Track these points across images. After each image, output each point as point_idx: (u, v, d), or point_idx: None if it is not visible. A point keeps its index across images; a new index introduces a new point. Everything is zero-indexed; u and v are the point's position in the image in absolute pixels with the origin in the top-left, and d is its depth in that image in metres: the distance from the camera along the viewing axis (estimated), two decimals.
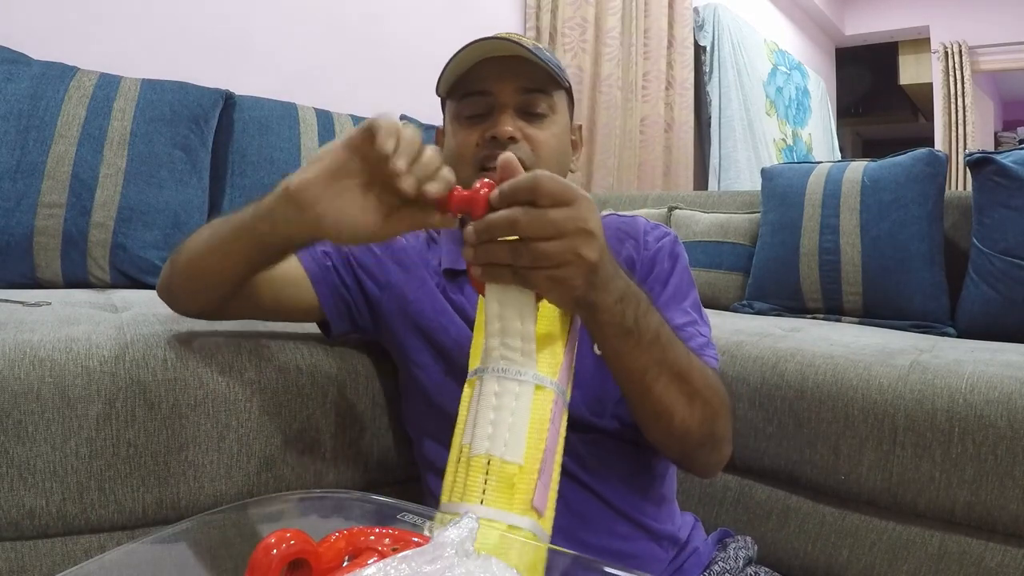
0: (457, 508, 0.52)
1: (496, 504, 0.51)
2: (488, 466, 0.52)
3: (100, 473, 0.72)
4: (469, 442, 0.54)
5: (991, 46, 5.23)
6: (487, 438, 0.53)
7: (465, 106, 0.79)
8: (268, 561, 0.36)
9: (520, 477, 0.52)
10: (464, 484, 0.52)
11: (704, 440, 0.68)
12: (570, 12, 2.83)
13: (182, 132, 1.40)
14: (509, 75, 0.77)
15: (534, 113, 0.78)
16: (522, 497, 0.52)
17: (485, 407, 0.54)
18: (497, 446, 0.53)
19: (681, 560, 0.77)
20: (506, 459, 0.52)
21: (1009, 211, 1.40)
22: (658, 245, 0.81)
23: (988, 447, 0.90)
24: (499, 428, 0.53)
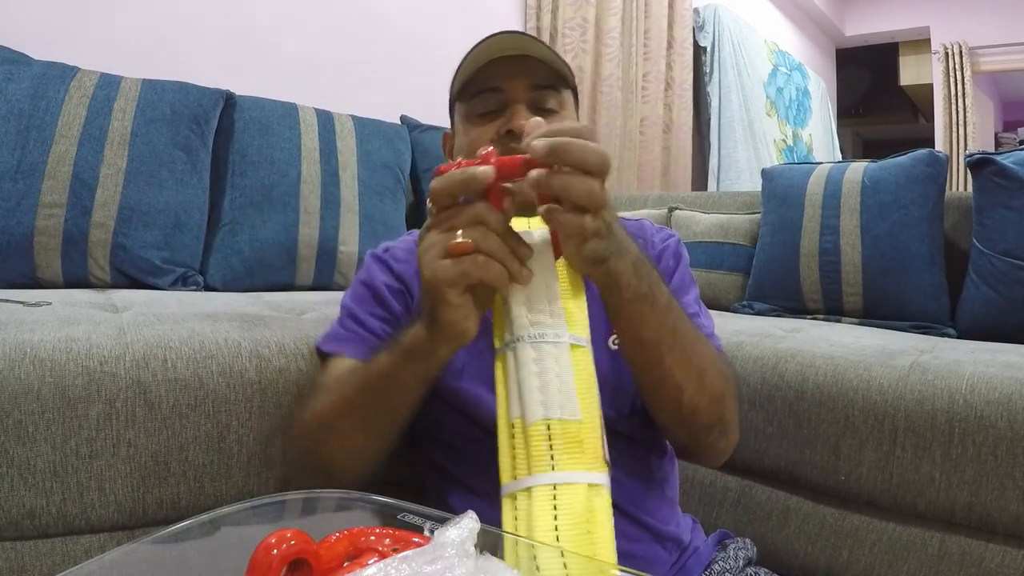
0: (528, 481, 0.50)
1: (569, 466, 0.50)
2: (549, 431, 0.51)
3: (100, 473, 0.72)
4: (520, 414, 0.52)
5: (991, 47, 5.23)
6: (540, 404, 0.51)
7: (477, 104, 0.79)
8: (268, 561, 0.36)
9: (585, 432, 0.51)
10: (527, 456, 0.51)
11: (712, 422, 0.69)
12: (570, 12, 2.83)
13: (183, 132, 1.40)
14: (520, 72, 0.77)
15: (545, 109, 0.78)
16: (592, 452, 0.51)
17: (527, 375, 0.53)
18: (553, 409, 0.51)
19: (682, 561, 0.77)
20: (566, 418, 0.51)
21: (1009, 212, 1.40)
22: (664, 244, 0.84)
23: (988, 448, 0.90)
24: (549, 391, 0.52)
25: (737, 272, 1.87)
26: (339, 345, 0.79)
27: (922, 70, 5.78)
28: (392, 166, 1.72)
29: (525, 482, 0.50)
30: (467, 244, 0.52)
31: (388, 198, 1.68)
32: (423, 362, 0.61)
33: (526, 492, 0.49)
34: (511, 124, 0.75)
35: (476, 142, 0.77)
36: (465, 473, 0.76)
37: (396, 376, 0.62)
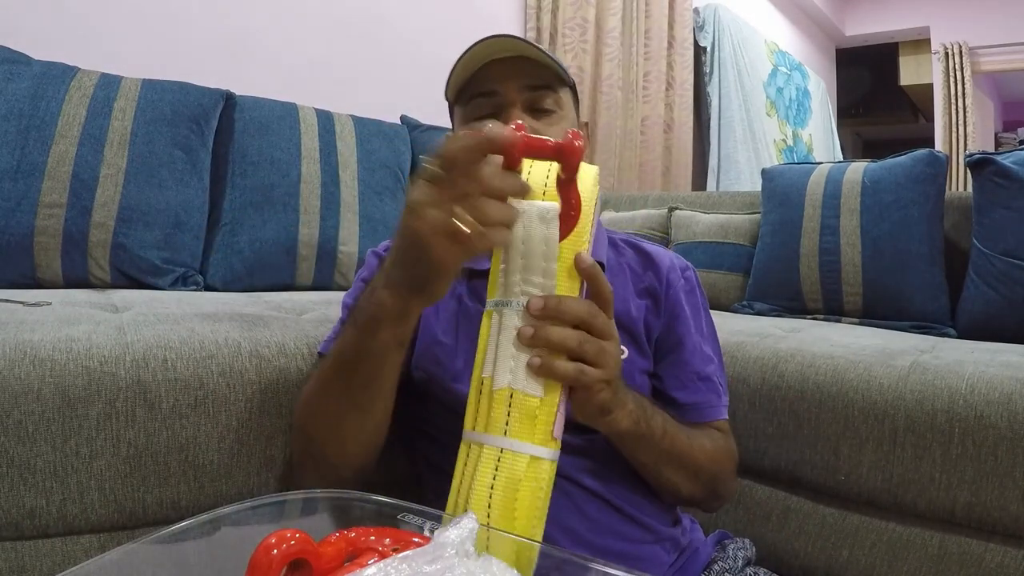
0: (482, 438, 0.55)
1: (519, 436, 0.54)
2: (511, 399, 0.55)
3: (100, 473, 0.72)
4: (491, 375, 0.56)
5: (991, 47, 5.23)
6: (509, 371, 0.55)
7: (474, 108, 0.79)
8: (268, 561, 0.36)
9: (541, 409, 0.55)
10: (488, 416, 0.56)
11: (707, 497, 0.80)
12: (571, 12, 2.83)
13: (182, 132, 1.40)
14: (514, 74, 0.77)
15: (542, 109, 0.78)
16: (543, 429, 0.55)
17: (506, 341, 0.56)
18: (519, 380, 0.55)
19: (681, 562, 0.77)
20: (528, 392, 0.55)
21: (1009, 212, 1.40)
22: (684, 280, 0.84)
23: (988, 448, 0.90)
24: (520, 362, 0.56)
25: (737, 272, 1.87)
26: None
27: (922, 70, 5.78)
28: (392, 166, 1.72)
29: (480, 437, 0.56)
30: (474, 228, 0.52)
31: (388, 198, 1.68)
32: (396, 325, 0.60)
33: (478, 446, 0.55)
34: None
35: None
36: None
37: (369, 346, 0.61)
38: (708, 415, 0.80)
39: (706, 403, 0.80)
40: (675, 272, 0.84)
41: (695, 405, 0.80)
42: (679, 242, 2.02)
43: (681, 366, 0.81)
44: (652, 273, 0.83)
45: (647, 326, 0.81)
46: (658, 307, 0.81)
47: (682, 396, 0.80)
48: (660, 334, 0.81)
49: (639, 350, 0.80)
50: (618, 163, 3.03)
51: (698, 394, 0.80)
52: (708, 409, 0.80)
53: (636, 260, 0.84)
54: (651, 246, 0.87)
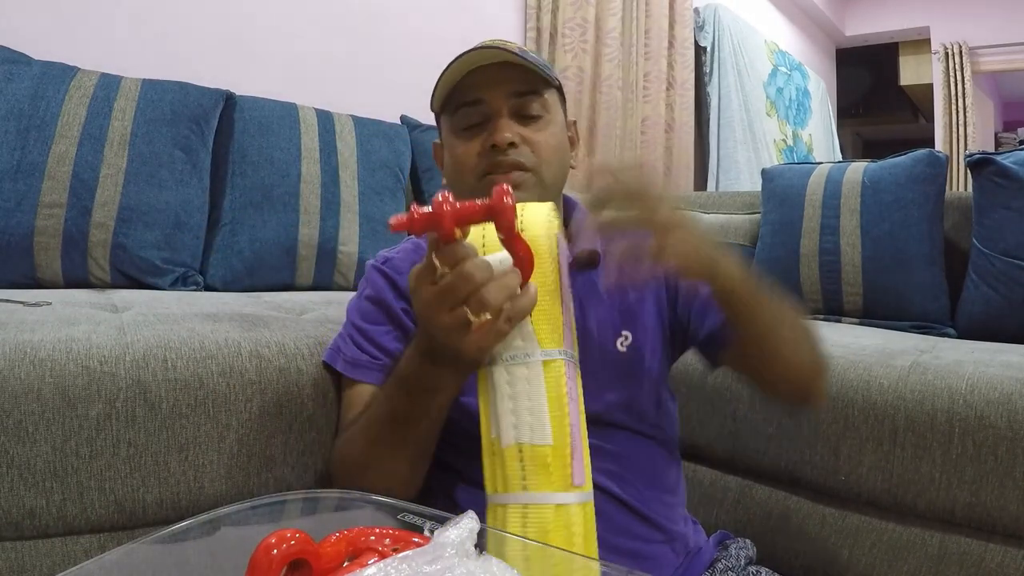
0: (503, 499, 0.55)
1: (538, 488, 0.54)
2: (521, 454, 0.55)
3: (100, 473, 0.72)
4: (497, 435, 0.56)
5: (991, 47, 5.22)
6: (512, 427, 0.56)
7: (460, 118, 0.78)
8: (268, 561, 0.36)
9: (554, 456, 0.55)
10: (504, 475, 0.55)
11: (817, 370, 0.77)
12: (571, 13, 2.83)
13: (183, 132, 1.40)
14: (498, 81, 0.76)
15: (529, 115, 0.78)
16: (560, 473, 0.55)
17: (502, 397, 0.56)
18: (524, 433, 0.55)
19: (687, 562, 0.77)
20: (535, 443, 0.55)
21: (1009, 212, 1.39)
22: None
23: (988, 448, 0.90)
24: (520, 415, 0.56)
25: None
26: (362, 373, 0.78)
27: (922, 70, 5.78)
28: (392, 166, 1.72)
29: (502, 498, 0.56)
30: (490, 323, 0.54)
31: (388, 198, 1.68)
32: (454, 388, 0.63)
33: (503, 507, 0.55)
34: (494, 139, 0.75)
35: (463, 157, 0.77)
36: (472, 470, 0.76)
37: (427, 408, 0.64)
38: None
39: None
40: None
41: None
42: None
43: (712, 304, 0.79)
44: None
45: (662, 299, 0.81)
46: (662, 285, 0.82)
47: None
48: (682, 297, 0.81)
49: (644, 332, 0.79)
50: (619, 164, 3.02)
51: None
52: None
53: None
54: None
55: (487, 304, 0.53)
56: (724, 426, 1.15)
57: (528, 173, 0.76)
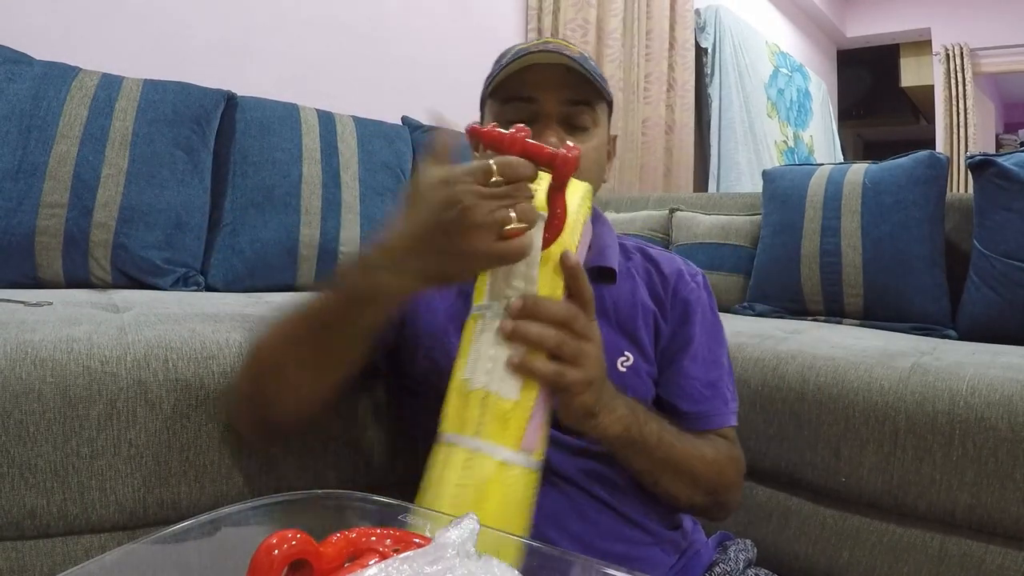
0: (454, 439, 0.55)
1: (489, 437, 0.54)
2: (485, 400, 0.55)
3: (101, 473, 0.73)
4: (470, 376, 0.56)
5: (992, 48, 5.23)
6: (486, 373, 0.56)
7: (508, 110, 0.77)
8: (269, 561, 0.36)
9: (514, 413, 0.55)
10: (462, 417, 0.56)
11: (710, 506, 0.78)
12: (572, 14, 2.83)
13: (184, 133, 1.40)
14: (556, 84, 0.75)
15: (578, 126, 0.76)
16: (515, 431, 0.55)
17: (487, 343, 0.57)
18: (494, 381, 0.55)
19: (683, 563, 0.77)
20: (502, 395, 0.55)
21: (1010, 213, 1.39)
22: (693, 287, 0.83)
23: (989, 449, 0.90)
24: (498, 364, 0.56)
25: (738, 273, 1.87)
26: None
27: (923, 71, 5.78)
28: (393, 167, 1.72)
29: (453, 438, 0.56)
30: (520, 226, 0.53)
31: (389, 199, 1.68)
32: (391, 307, 0.61)
33: (449, 447, 0.55)
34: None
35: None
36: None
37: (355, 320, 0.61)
38: (714, 423, 0.79)
39: (712, 411, 0.79)
40: (684, 279, 0.83)
41: (700, 414, 0.79)
42: (680, 243, 2.02)
43: (684, 375, 0.80)
44: (660, 279, 0.83)
45: (654, 332, 0.80)
46: (664, 314, 0.81)
47: (686, 405, 0.79)
48: (665, 342, 0.81)
49: (643, 356, 0.79)
50: (619, 164, 3.03)
51: (703, 403, 0.79)
52: (714, 417, 0.79)
53: (644, 266, 0.84)
54: (660, 252, 0.87)
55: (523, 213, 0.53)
56: None
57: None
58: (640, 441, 0.67)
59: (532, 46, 0.77)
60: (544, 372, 0.56)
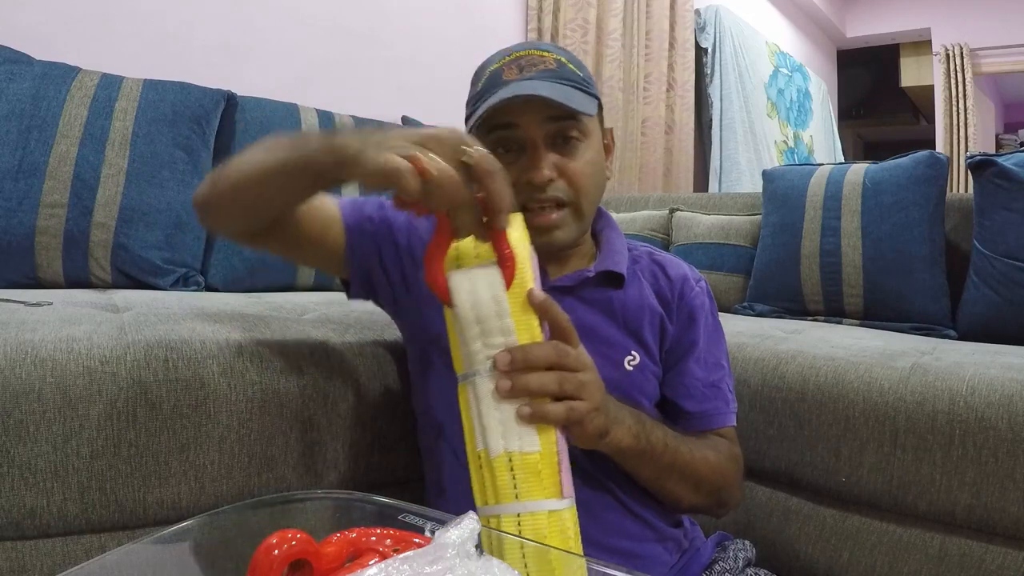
0: (497, 510, 0.55)
1: (531, 495, 0.54)
2: (511, 463, 0.55)
3: (101, 473, 0.73)
4: (485, 446, 0.56)
5: (992, 48, 5.23)
6: (501, 437, 0.55)
7: (495, 140, 0.75)
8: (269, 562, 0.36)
9: (543, 463, 0.55)
10: (495, 486, 0.55)
11: (712, 505, 0.80)
12: (572, 14, 2.83)
13: (184, 132, 1.40)
14: (535, 106, 0.72)
15: (567, 139, 0.75)
16: (551, 480, 0.55)
17: (488, 408, 0.56)
18: (512, 442, 0.55)
19: (683, 562, 0.77)
20: (525, 451, 0.55)
21: (1010, 213, 1.39)
22: (697, 291, 0.85)
23: (989, 450, 0.90)
24: (508, 424, 0.55)
25: (738, 273, 1.87)
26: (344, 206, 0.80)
27: (923, 71, 5.78)
28: None
29: (494, 510, 0.55)
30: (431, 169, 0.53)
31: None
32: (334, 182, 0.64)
33: (496, 518, 0.54)
34: (530, 176, 0.73)
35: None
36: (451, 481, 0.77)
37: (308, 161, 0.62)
38: (715, 422, 0.81)
39: (714, 411, 0.81)
40: (689, 283, 0.85)
41: (703, 413, 0.81)
42: (680, 243, 2.02)
43: (689, 375, 0.81)
44: (666, 283, 0.84)
45: (660, 334, 0.82)
46: (671, 316, 0.82)
47: (690, 405, 0.81)
48: (671, 344, 0.82)
49: (650, 356, 0.80)
50: (619, 164, 3.03)
51: (706, 402, 0.81)
52: (716, 416, 0.81)
53: (651, 269, 0.85)
54: (666, 256, 0.88)
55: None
56: None
57: (566, 209, 0.76)
58: (648, 449, 0.69)
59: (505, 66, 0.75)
60: (557, 415, 0.57)
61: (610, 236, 0.84)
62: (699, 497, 0.76)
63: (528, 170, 0.73)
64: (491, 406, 0.56)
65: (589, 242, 0.85)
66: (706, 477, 0.75)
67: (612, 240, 0.84)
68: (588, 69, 0.81)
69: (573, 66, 0.77)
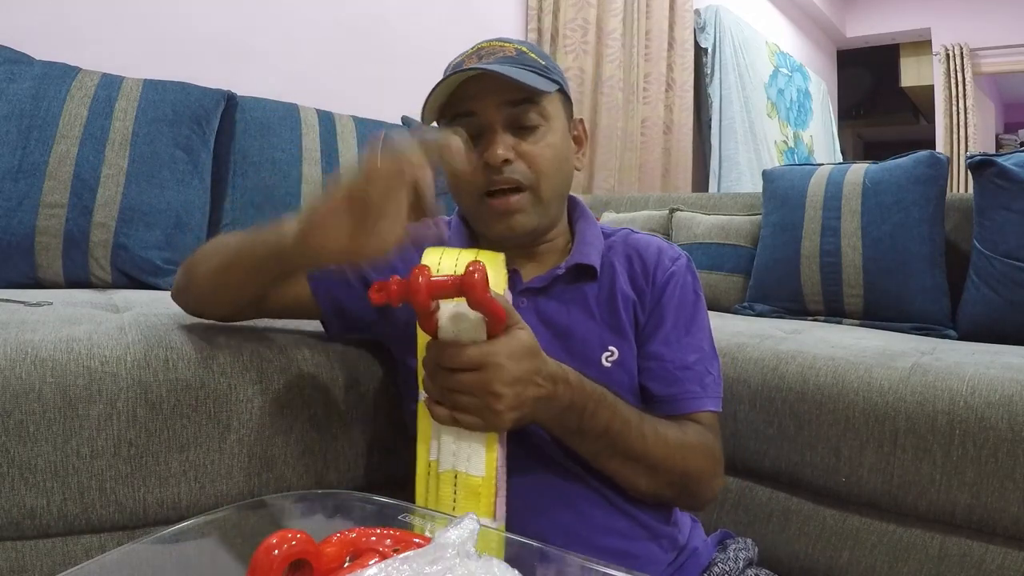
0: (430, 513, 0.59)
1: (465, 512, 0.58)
2: (456, 480, 0.61)
3: (101, 473, 0.73)
4: (436, 458, 0.62)
5: (992, 48, 5.23)
6: (452, 455, 0.61)
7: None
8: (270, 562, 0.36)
9: (483, 488, 0.61)
10: (436, 496, 0.61)
11: (677, 495, 0.75)
12: (572, 14, 2.83)
13: (184, 133, 1.40)
14: (492, 90, 0.73)
15: (525, 127, 0.75)
16: (487, 504, 0.61)
17: (447, 429, 0.62)
18: (461, 463, 0.61)
19: (680, 561, 0.77)
20: (471, 473, 0.61)
21: (1010, 213, 1.40)
22: (671, 270, 0.81)
23: (989, 449, 0.90)
24: (460, 447, 0.61)
25: (738, 273, 1.87)
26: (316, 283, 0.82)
27: (923, 71, 5.78)
28: None
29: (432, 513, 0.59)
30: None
31: None
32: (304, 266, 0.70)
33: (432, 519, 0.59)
34: (487, 157, 0.73)
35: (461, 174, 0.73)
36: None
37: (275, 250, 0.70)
38: (687, 407, 0.76)
39: (684, 395, 0.76)
40: (662, 263, 0.81)
41: (671, 397, 0.76)
42: (680, 243, 2.02)
43: (654, 357, 0.77)
44: (640, 265, 0.81)
45: (635, 320, 0.79)
46: (643, 301, 0.80)
47: (656, 388, 0.77)
48: (642, 327, 0.79)
49: (629, 346, 0.78)
50: (619, 164, 3.03)
51: (674, 385, 0.76)
52: (687, 401, 0.76)
53: (625, 253, 0.82)
54: (641, 237, 0.85)
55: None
56: (724, 427, 1.14)
57: (525, 193, 0.75)
58: (579, 432, 0.68)
59: (467, 56, 0.76)
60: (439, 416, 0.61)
61: (583, 228, 0.83)
62: (657, 483, 0.72)
63: (484, 153, 0.73)
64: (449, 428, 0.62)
65: (565, 236, 0.84)
66: (662, 462, 0.71)
67: (584, 232, 0.82)
68: (553, 60, 0.81)
69: (535, 55, 0.77)
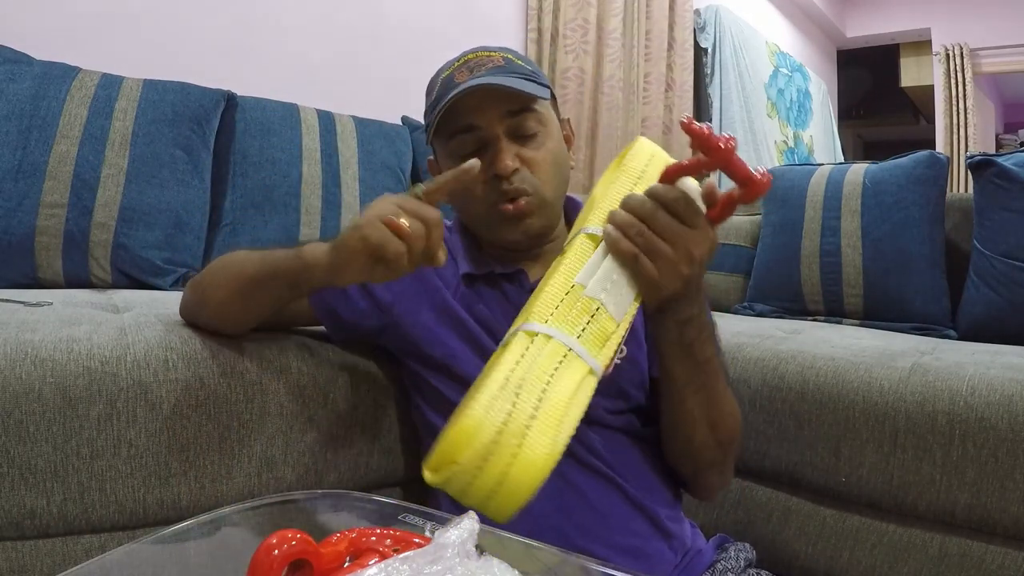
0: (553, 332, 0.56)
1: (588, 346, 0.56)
2: (595, 312, 0.57)
3: (101, 473, 0.73)
4: (585, 282, 0.58)
5: (992, 48, 5.22)
6: (603, 289, 0.58)
7: (456, 145, 0.77)
8: (270, 562, 0.36)
9: (613, 337, 0.58)
10: (568, 317, 0.57)
11: (715, 462, 0.77)
12: (572, 14, 2.83)
13: (184, 133, 1.40)
14: (490, 102, 0.74)
15: (526, 134, 0.77)
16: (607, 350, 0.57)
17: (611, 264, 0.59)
18: (610, 300, 0.58)
19: (686, 562, 0.78)
20: (611, 314, 0.58)
21: (1010, 214, 1.39)
22: None
23: (989, 450, 0.90)
24: (616, 286, 0.59)
25: (738, 273, 1.87)
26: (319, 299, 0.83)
27: (923, 71, 5.78)
28: (393, 167, 1.72)
29: (552, 331, 0.56)
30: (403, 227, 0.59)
31: None
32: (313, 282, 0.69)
33: (546, 338, 0.55)
34: (496, 168, 0.74)
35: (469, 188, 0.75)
36: None
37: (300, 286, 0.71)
38: None
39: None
40: None
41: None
42: None
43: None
44: None
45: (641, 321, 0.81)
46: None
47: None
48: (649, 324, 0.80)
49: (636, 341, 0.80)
50: None
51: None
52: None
53: None
54: None
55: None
56: None
57: (532, 197, 0.77)
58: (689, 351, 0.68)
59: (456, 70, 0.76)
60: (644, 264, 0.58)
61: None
62: (712, 436, 0.73)
63: (492, 165, 0.75)
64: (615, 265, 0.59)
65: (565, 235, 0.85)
66: (724, 419, 0.74)
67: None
68: (536, 64, 0.84)
69: (521, 61, 0.79)
